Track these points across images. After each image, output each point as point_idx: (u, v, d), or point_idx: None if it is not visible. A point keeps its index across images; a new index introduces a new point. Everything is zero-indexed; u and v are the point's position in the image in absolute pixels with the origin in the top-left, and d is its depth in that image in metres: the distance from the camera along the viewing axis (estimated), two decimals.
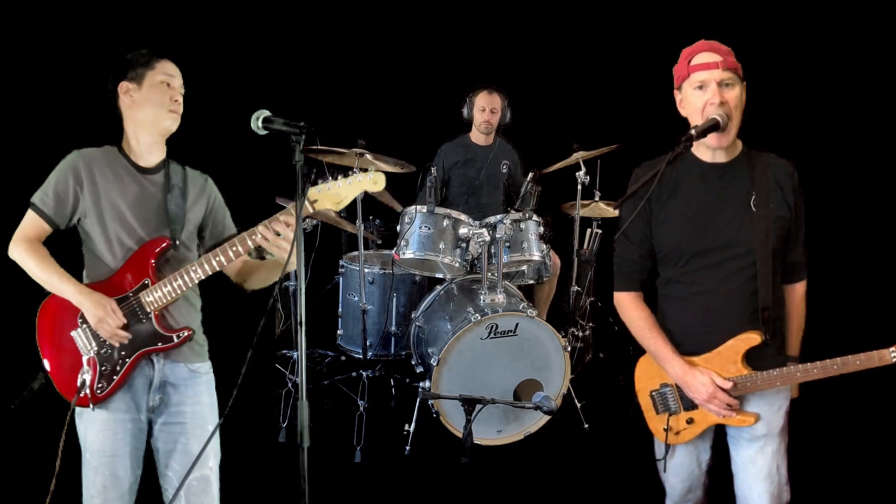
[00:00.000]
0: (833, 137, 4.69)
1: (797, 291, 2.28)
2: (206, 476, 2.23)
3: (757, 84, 2.22)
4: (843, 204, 4.63)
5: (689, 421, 2.27)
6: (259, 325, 1.92)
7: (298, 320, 1.81)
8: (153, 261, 2.19)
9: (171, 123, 2.23)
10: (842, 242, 4.54)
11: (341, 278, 4.36)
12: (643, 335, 2.26)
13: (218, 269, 2.18)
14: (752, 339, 2.14)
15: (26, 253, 2.15)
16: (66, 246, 2.26)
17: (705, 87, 2.10)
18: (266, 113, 1.95)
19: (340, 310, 4.38)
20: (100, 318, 2.12)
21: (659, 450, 2.35)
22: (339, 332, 4.38)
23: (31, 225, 2.17)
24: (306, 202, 2.10)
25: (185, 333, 2.22)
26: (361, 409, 3.68)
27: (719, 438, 2.34)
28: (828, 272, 2.29)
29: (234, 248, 2.15)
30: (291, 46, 5.02)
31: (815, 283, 2.35)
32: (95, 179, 2.19)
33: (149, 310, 2.19)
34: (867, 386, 2.52)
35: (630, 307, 2.30)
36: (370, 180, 2.11)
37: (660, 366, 2.26)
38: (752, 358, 2.16)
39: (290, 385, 3.93)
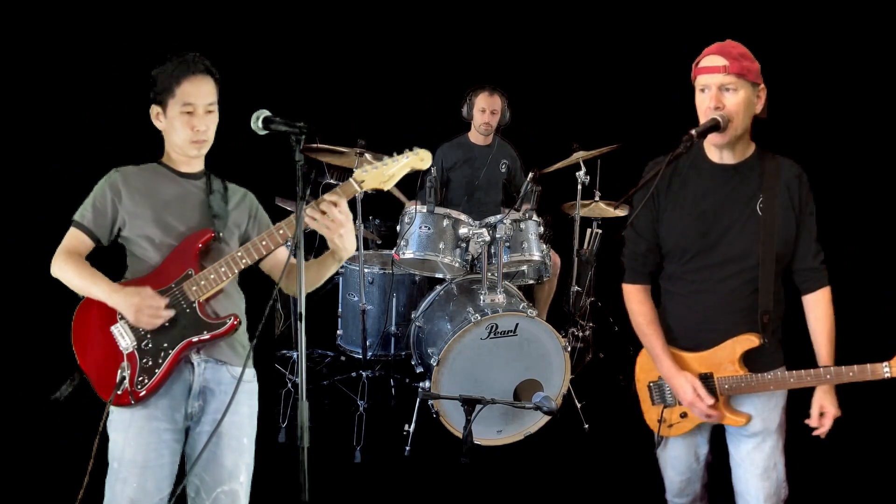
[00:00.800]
0: (832, 137, 4.68)
1: (820, 301, 2.21)
2: (235, 490, 2.14)
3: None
4: (843, 204, 4.62)
5: (683, 415, 2.30)
6: (259, 325, 1.91)
7: (298, 320, 1.79)
8: (197, 252, 2.13)
9: (196, 152, 2.19)
10: (842, 243, 4.54)
11: (341, 278, 4.36)
12: (641, 330, 2.30)
13: (265, 253, 2.12)
14: (751, 341, 2.16)
15: (64, 262, 2.10)
16: (106, 260, 2.22)
17: (707, 91, 2.12)
18: (266, 113, 1.95)
19: (340, 310, 4.37)
20: (136, 305, 2.03)
21: (656, 441, 2.38)
22: (338, 332, 4.38)
23: (71, 239, 2.15)
24: (353, 183, 2.10)
25: (233, 320, 2.13)
26: (361, 409, 3.68)
27: (718, 434, 2.35)
28: (828, 272, 2.29)
29: (281, 231, 2.11)
30: (291, 46, 5.02)
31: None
32: (134, 188, 2.16)
33: (193, 298, 2.10)
34: (867, 383, 2.53)
35: (634, 300, 2.32)
36: (417, 157, 2.14)
37: (653, 361, 2.30)
38: (750, 359, 2.18)
39: (289, 385, 3.93)
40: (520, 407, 3.26)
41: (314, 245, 3.80)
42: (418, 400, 3.58)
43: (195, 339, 2.10)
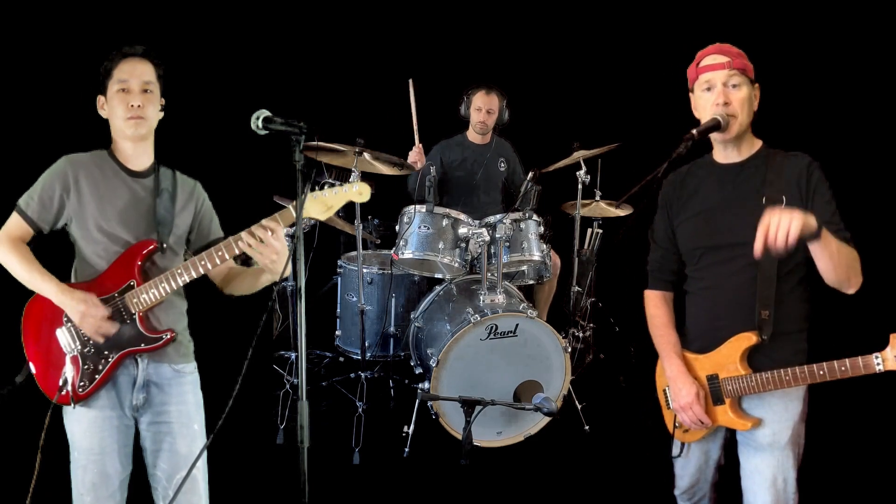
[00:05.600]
0: (832, 138, 4.67)
1: None
2: (192, 475, 2.24)
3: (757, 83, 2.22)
4: (844, 204, 4.60)
5: None
6: (259, 325, 1.91)
7: (298, 321, 1.79)
8: (139, 263, 2.22)
9: (135, 130, 2.22)
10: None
11: (339, 279, 4.34)
12: (653, 332, 2.36)
13: (203, 272, 2.21)
14: (749, 339, 2.15)
15: (9, 252, 2.19)
16: (57, 247, 2.29)
17: (712, 88, 2.15)
18: (266, 113, 1.95)
19: (339, 310, 4.35)
20: (82, 312, 2.14)
21: (675, 447, 2.39)
22: (337, 332, 4.35)
23: (14, 226, 2.22)
24: (292, 210, 2.15)
25: (168, 335, 2.24)
26: (360, 410, 3.65)
27: (730, 440, 2.35)
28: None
29: (220, 253, 2.18)
30: (291, 46, 5.00)
31: (818, 283, 2.33)
32: (82, 185, 2.22)
33: (133, 311, 2.21)
34: (874, 387, 2.52)
35: (650, 304, 2.39)
36: (356, 192, 2.19)
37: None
38: (755, 359, 2.16)
39: (287, 386, 3.91)
40: (520, 408, 3.25)
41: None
42: (417, 401, 3.56)
43: (132, 349, 2.22)
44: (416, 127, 4.39)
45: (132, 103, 2.19)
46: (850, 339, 2.21)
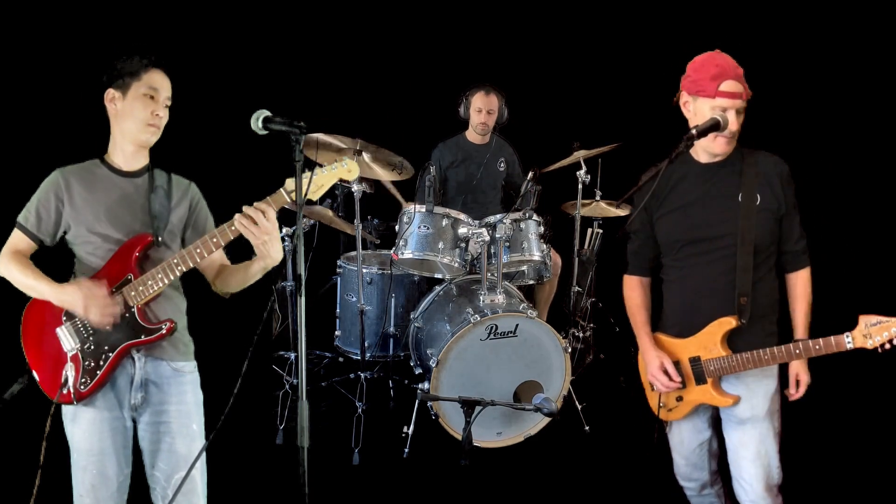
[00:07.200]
0: (826, 140, 4.67)
1: (799, 279, 2.42)
2: (192, 476, 2.24)
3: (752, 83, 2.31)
4: (837, 204, 4.60)
5: (679, 399, 2.45)
6: (259, 326, 1.91)
7: (298, 321, 1.80)
8: (136, 255, 2.23)
9: (149, 137, 2.29)
10: (831, 242, 4.52)
11: (339, 279, 4.33)
12: (629, 312, 2.58)
13: (199, 260, 2.23)
14: (729, 323, 2.32)
15: (9, 263, 2.24)
16: (59, 259, 2.31)
17: (728, 112, 2.28)
18: (266, 113, 1.97)
19: (338, 310, 4.34)
20: (83, 298, 2.15)
21: (666, 428, 2.55)
22: (336, 333, 4.35)
23: (16, 241, 2.27)
24: (283, 193, 2.17)
25: (168, 325, 2.25)
26: (360, 410, 3.65)
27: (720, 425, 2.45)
28: (809, 256, 2.44)
29: (215, 240, 2.20)
30: (291, 46, 5.00)
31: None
32: (76, 193, 2.26)
33: (132, 304, 2.22)
34: (863, 370, 2.61)
35: (627, 287, 2.61)
36: (346, 169, 2.22)
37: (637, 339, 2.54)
38: (733, 341, 2.35)
39: (287, 387, 3.90)
40: (520, 408, 3.24)
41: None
42: (417, 401, 3.55)
43: (132, 342, 2.23)
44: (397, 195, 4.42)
45: (157, 112, 2.25)
46: (822, 326, 2.34)
